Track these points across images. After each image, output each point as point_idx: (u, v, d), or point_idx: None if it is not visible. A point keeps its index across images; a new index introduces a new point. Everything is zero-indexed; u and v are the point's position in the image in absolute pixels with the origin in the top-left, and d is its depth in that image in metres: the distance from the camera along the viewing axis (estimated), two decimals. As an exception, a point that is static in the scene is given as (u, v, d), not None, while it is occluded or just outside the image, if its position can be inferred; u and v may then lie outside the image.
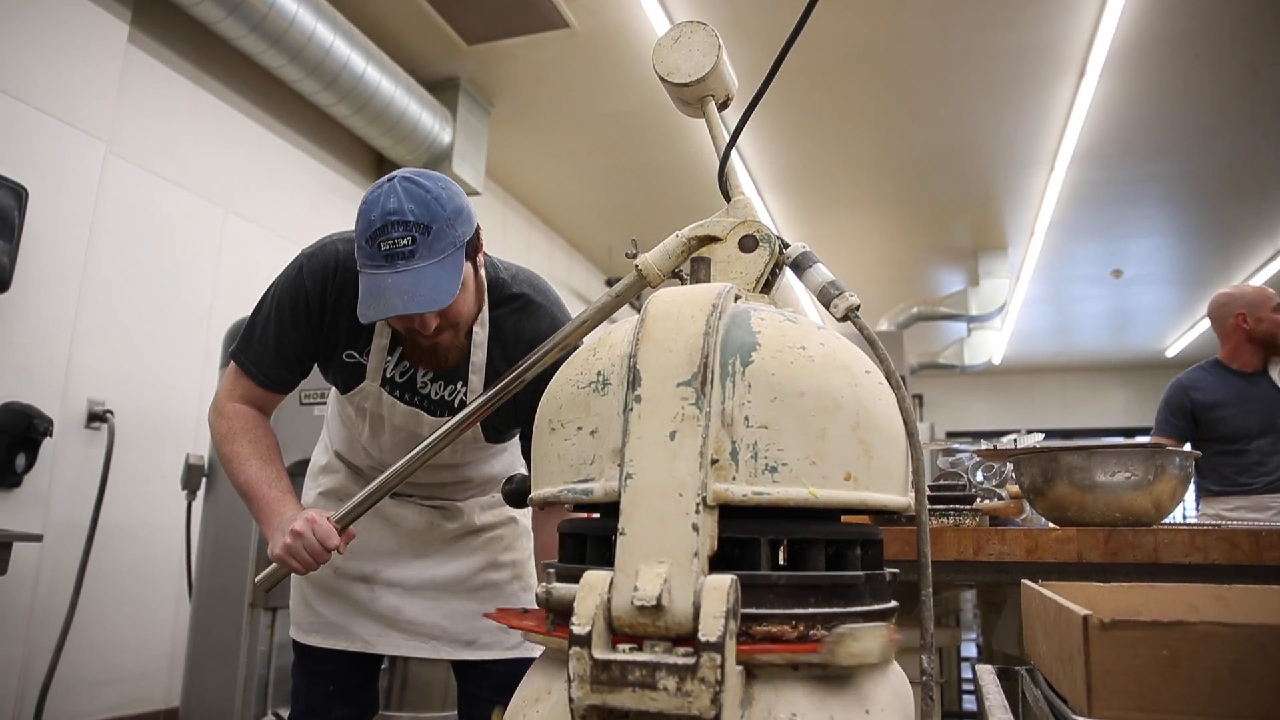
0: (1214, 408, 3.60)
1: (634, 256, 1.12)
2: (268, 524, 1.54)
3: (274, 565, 1.55)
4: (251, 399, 1.68)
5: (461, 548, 1.87)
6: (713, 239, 1.06)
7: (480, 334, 1.67)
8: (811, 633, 0.77)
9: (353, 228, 1.64)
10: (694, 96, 1.19)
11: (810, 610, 0.78)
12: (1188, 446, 3.65)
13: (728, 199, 1.10)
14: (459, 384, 1.69)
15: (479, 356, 1.67)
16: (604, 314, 1.26)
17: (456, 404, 1.70)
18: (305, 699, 1.83)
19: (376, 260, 1.44)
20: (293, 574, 1.58)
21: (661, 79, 1.18)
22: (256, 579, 1.61)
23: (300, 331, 1.64)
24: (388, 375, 1.68)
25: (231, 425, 1.64)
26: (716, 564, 0.75)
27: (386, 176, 1.50)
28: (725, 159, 1.12)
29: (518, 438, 1.90)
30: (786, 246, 1.04)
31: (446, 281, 1.45)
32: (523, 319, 1.69)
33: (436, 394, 1.70)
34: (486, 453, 1.88)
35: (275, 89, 4.75)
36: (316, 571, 1.57)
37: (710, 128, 1.19)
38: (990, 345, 11.04)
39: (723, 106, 1.22)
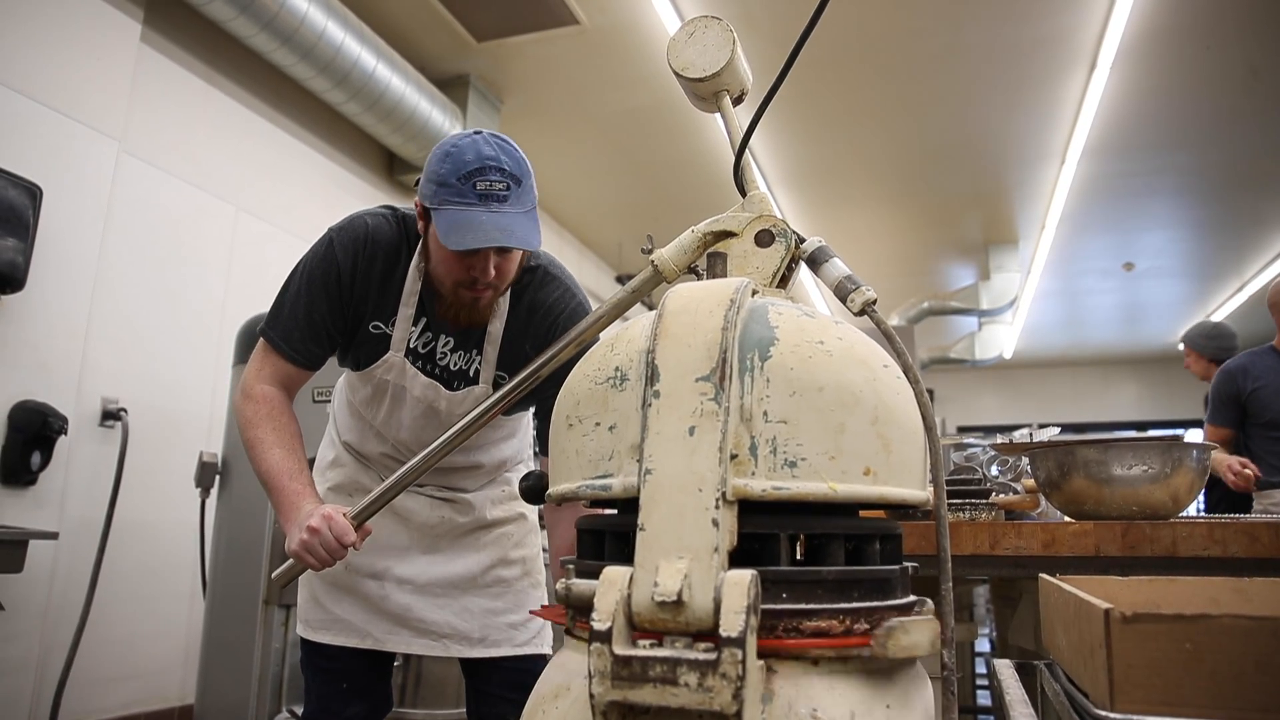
0: (1260, 390, 3.49)
1: (649, 252, 1.12)
2: (286, 517, 1.55)
3: (290, 561, 1.55)
4: (279, 377, 1.70)
5: (471, 543, 1.88)
6: (729, 234, 1.05)
7: (501, 305, 1.71)
8: (855, 627, 0.76)
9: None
10: (709, 91, 1.19)
11: (855, 605, 0.78)
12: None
13: (743, 194, 1.10)
14: (474, 352, 1.74)
15: (496, 327, 1.72)
16: (620, 309, 1.26)
17: (472, 373, 1.74)
18: (318, 698, 1.84)
19: (469, 198, 1.50)
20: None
21: (676, 74, 1.18)
22: (274, 574, 1.62)
23: (331, 305, 1.67)
24: (411, 345, 1.72)
25: (258, 410, 1.66)
26: (736, 559, 0.75)
27: (471, 130, 1.57)
28: (740, 154, 1.12)
29: (530, 420, 1.94)
30: (802, 241, 1.04)
31: (534, 231, 1.55)
32: (539, 290, 1.74)
33: (455, 365, 1.75)
34: (497, 434, 1.90)
35: (286, 87, 4.77)
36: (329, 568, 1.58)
37: (726, 122, 1.19)
38: (1001, 339, 10.99)
39: (737, 101, 1.21)
